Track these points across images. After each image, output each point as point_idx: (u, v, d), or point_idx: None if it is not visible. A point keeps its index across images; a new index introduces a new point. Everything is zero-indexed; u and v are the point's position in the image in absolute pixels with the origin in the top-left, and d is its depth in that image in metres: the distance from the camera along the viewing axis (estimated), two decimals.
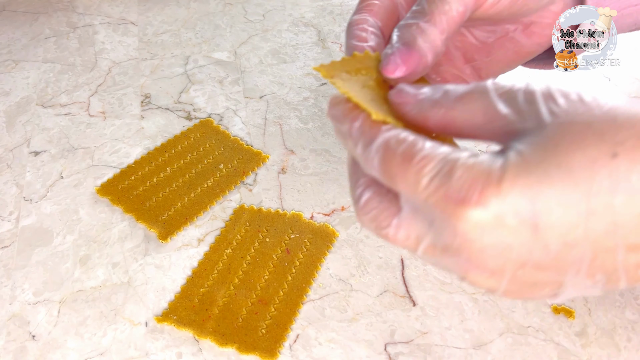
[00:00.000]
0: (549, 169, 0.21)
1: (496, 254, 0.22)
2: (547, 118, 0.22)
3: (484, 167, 0.21)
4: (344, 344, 0.38)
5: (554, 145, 0.21)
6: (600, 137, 0.21)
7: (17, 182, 0.49)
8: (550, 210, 0.21)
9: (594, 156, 0.21)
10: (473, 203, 0.21)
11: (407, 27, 0.29)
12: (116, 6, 0.68)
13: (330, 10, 0.67)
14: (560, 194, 0.21)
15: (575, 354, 0.38)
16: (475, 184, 0.21)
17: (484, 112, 0.24)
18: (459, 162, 0.22)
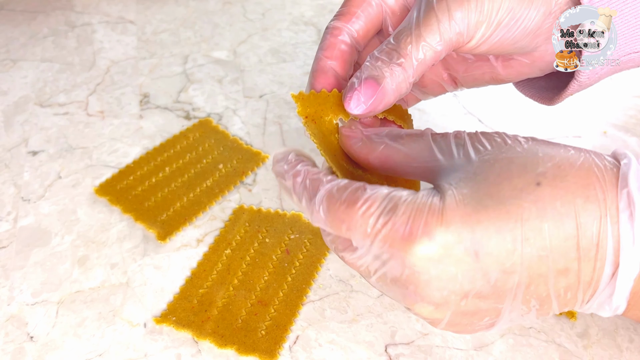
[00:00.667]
0: (483, 199, 0.23)
1: (441, 286, 0.24)
2: (474, 156, 0.25)
3: (425, 201, 0.24)
4: (344, 345, 0.38)
5: (484, 179, 0.23)
6: (524, 168, 0.23)
7: (15, 182, 0.49)
8: (489, 237, 0.23)
9: (520, 186, 0.23)
10: (419, 235, 0.23)
11: (377, 64, 0.28)
12: (115, 5, 0.68)
13: (330, 9, 0.67)
14: (495, 221, 0.23)
15: (577, 355, 0.37)
16: (419, 218, 0.23)
17: (419, 150, 0.27)
18: (401, 199, 0.24)
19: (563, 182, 0.23)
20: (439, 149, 0.26)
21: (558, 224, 0.23)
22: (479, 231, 0.23)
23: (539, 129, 0.52)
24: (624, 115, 0.54)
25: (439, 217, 0.23)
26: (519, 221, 0.23)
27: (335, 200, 0.25)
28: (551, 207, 0.23)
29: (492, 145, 0.25)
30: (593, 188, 0.23)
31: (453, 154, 0.26)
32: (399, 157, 0.27)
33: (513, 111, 0.54)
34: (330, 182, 0.26)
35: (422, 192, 0.24)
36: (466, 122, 0.53)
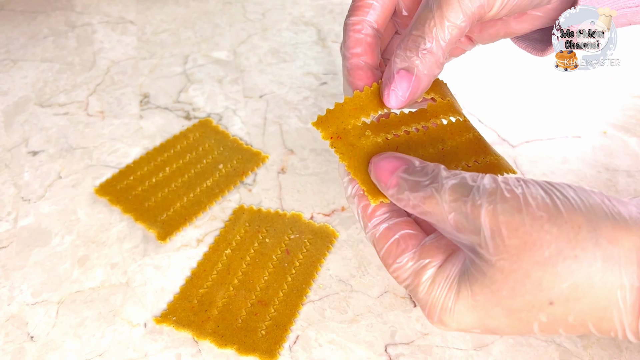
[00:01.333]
0: (494, 309, 0.24)
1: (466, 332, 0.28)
2: (492, 254, 0.24)
3: (441, 295, 0.25)
4: (344, 345, 0.38)
5: (497, 289, 0.24)
6: (538, 287, 0.23)
7: (15, 182, 0.49)
8: (502, 329, 0.25)
9: (533, 303, 0.23)
10: (435, 322, 0.26)
11: (407, 54, 0.29)
12: (115, 5, 0.68)
13: (330, 9, 0.67)
14: (507, 324, 0.24)
15: (576, 355, 0.37)
16: (434, 309, 0.26)
17: (440, 220, 0.25)
18: (422, 280, 0.26)
19: (577, 304, 0.23)
20: (460, 223, 0.24)
21: (570, 329, 0.24)
22: (491, 327, 0.25)
23: (539, 129, 0.52)
24: (624, 115, 0.54)
25: (451, 315, 0.25)
26: (531, 324, 0.24)
27: (378, 253, 0.28)
28: (563, 321, 0.23)
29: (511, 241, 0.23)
30: (610, 311, 0.22)
31: (473, 235, 0.24)
32: (427, 219, 0.26)
33: (513, 111, 0.54)
34: (370, 229, 0.28)
35: (441, 278, 0.26)
36: None
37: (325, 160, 0.50)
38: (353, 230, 0.45)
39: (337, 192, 0.48)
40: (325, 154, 0.51)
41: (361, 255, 0.43)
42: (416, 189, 0.25)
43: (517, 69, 0.59)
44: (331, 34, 0.63)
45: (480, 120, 0.53)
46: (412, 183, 0.26)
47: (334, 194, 0.48)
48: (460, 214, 0.24)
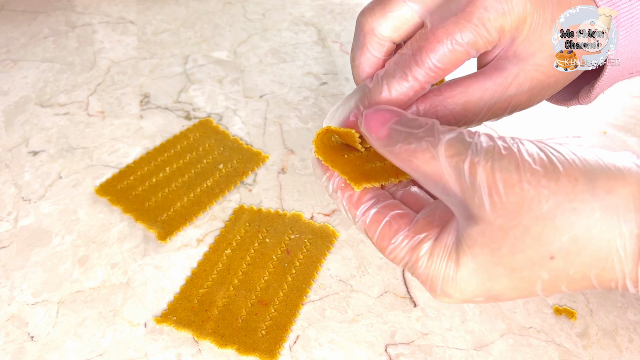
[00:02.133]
0: (496, 269, 0.24)
1: (471, 301, 0.26)
2: (489, 212, 0.23)
3: (440, 264, 0.25)
4: (344, 345, 0.38)
5: (497, 248, 0.23)
6: (538, 241, 0.23)
7: (15, 182, 0.49)
8: (505, 292, 0.25)
9: (534, 259, 0.23)
10: (439, 294, 0.25)
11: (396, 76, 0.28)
12: (115, 5, 0.68)
13: (330, 9, 0.67)
14: (509, 285, 0.24)
15: (577, 355, 0.37)
16: (436, 281, 0.25)
17: (435, 175, 0.25)
18: (420, 255, 0.26)
19: (578, 256, 0.23)
20: (455, 181, 0.24)
21: (572, 282, 0.24)
22: (494, 291, 0.25)
23: (539, 129, 0.52)
24: (624, 115, 0.54)
25: (454, 284, 0.25)
26: (533, 282, 0.24)
27: (371, 240, 0.27)
28: (564, 275, 0.23)
29: (509, 198, 0.23)
30: (611, 260, 0.23)
31: (469, 195, 0.24)
32: (418, 177, 0.26)
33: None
34: (362, 213, 0.28)
35: (440, 245, 0.25)
36: None
37: None
38: (353, 230, 0.45)
39: None
40: None
41: (361, 255, 0.43)
42: (410, 141, 0.24)
43: None
44: (331, 34, 0.64)
45: None
46: (406, 134, 0.25)
47: None
48: (456, 170, 0.23)
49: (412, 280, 0.42)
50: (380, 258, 0.43)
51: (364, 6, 0.31)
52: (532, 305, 0.40)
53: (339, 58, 0.60)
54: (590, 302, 0.40)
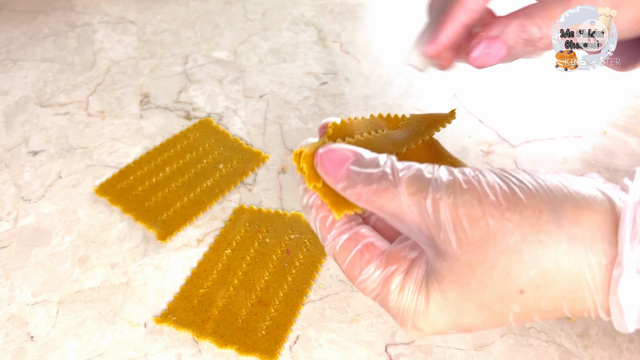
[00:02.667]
0: (466, 306, 0.24)
1: (446, 334, 0.27)
2: (455, 248, 0.23)
3: (411, 299, 0.25)
4: (344, 345, 0.38)
5: (466, 284, 0.23)
6: (507, 276, 0.23)
7: (15, 182, 0.49)
8: (477, 325, 0.24)
9: (503, 293, 0.23)
10: (409, 329, 0.25)
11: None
12: (115, 5, 0.68)
13: (330, 9, 0.67)
14: (481, 319, 0.24)
15: (577, 355, 0.37)
16: (407, 316, 0.25)
17: (399, 218, 0.24)
18: (390, 289, 0.25)
19: (548, 289, 0.22)
20: (420, 219, 0.24)
21: (544, 314, 0.23)
22: (466, 324, 0.24)
23: (539, 129, 0.52)
24: (624, 115, 0.54)
25: (425, 319, 0.24)
26: (505, 315, 0.24)
27: (340, 266, 0.26)
28: (535, 309, 0.23)
29: (474, 233, 0.23)
30: (581, 292, 0.22)
31: (434, 233, 0.23)
32: (383, 215, 0.25)
33: (513, 111, 0.54)
34: (332, 238, 0.26)
35: (409, 283, 0.25)
36: (466, 122, 0.53)
37: None
38: None
39: None
40: None
41: None
42: (369, 182, 0.24)
43: (517, 69, 0.59)
44: (331, 34, 0.63)
45: (481, 120, 0.53)
46: (365, 176, 0.24)
47: None
48: (419, 208, 0.23)
49: None
50: None
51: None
52: None
53: (339, 58, 0.60)
54: None
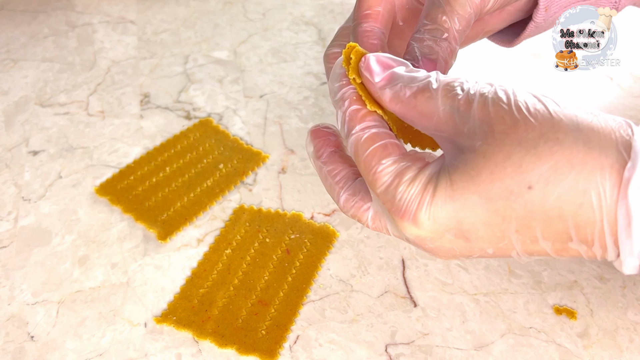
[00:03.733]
0: (472, 197, 0.24)
1: (442, 252, 0.26)
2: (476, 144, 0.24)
3: (419, 189, 0.25)
4: (344, 345, 0.38)
5: (477, 174, 0.24)
6: (519, 168, 0.23)
7: (15, 182, 0.49)
8: (477, 229, 0.24)
9: (511, 188, 0.23)
10: (410, 221, 0.25)
11: (425, 44, 0.30)
12: (115, 5, 0.68)
13: (330, 9, 0.67)
14: (483, 217, 0.24)
15: (577, 355, 0.37)
16: (411, 205, 0.25)
17: (430, 112, 0.26)
18: (403, 178, 0.25)
19: (557, 187, 0.22)
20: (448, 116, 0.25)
21: (548, 223, 0.23)
22: (466, 224, 0.24)
23: None
24: (624, 115, 0.54)
25: (428, 208, 0.25)
26: (507, 219, 0.24)
27: (358, 154, 0.27)
28: (540, 211, 0.23)
29: (497, 126, 0.24)
30: (589, 196, 0.22)
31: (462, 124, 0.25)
32: (413, 115, 0.27)
33: None
34: (362, 130, 0.27)
35: (423, 175, 0.25)
36: None
37: None
38: (353, 230, 0.45)
39: None
40: None
41: (361, 255, 0.43)
42: (412, 82, 0.26)
43: (517, 69, 0.59)
44: (331, 34, 0.63)
45: None
46: (408, 78, 0.26)
47: None
48: (452, 107, 0.25)
49: (413, 280, 0.42)
50: (381, 258, 0.43)
51: None
52: (532, 305, 0.40)
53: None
54: (590, 302, 0.40)
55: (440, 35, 0.30)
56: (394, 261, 0.43)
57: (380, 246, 0.44)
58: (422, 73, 0.26)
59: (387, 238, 0.44)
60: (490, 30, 0.37)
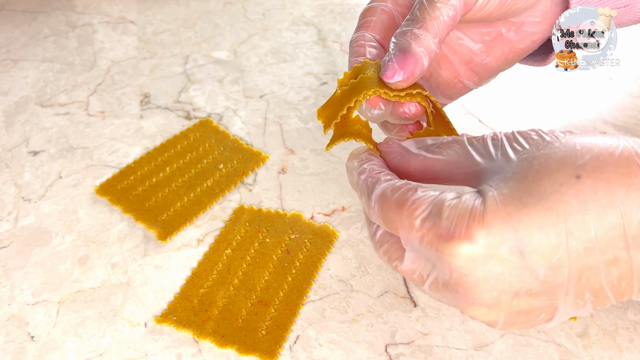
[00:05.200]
0: (523, 198, 0.23)
1: (490, 287, 0.24)
2: (512, 156, 0.25)
3: (468, 204, 0.24)
4: (344, 345, 0.38)
5: (523, 177, 0.24)
6: (563, 163, 0.23)
7: (15, 182, 0.49)
8: (532, 235, 0.23)
9: (560, 180, 0.23)
10: (462, 238, 0.23)
11: (402, 34, 0.30)
12: (115, 5, 0.68)
13: (330, 9, 0.67)
14: (537, 218, 0.23)
15: (577, 355, 0.37)
16: (462, 221, 0.23)
17: (457, 157, 0.27)
18: (445, 203, 0.24)
19: (603, 173, 0.23)
20: (477, 152, 0.26)
21: (601, 215, 0.23)
22: (521, 230, 0.23)
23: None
24: (624, 115, 0.54)
25: (481, 220, 0.23)
26: (562, 216, 0.23)
27: (387, 200, 0.26)
28: (592, 199, 0.23)
29: (530, 143, 0.25)
30: (635, 176, 0.23)
31: (492, 156, 0.26)
32: (438, 166, 0.27)
33: (513, 111, 0.54)
34: (386, 182, 0.27)
35: (466, 195, 0.24)
36: (466, 122, 0.53)
37: (325, 160, 0.50)
38: (353, 230, 0.45)
39: (338, 192, 0.48)
40: (325, 154, 0.51)
41: (361, 255, 0.43)
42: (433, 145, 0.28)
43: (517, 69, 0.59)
44: (331, 34, 0.64)
45: (481, 120, 0.53)
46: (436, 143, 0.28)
47: (334, 194, 0.48)
48: (477, 143, 0.27)
49: None
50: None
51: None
52: None
53: (339, 58, 0.60)
54: None
55: (417, 25, 0.30)
56: None
57: None
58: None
59: None
60: (519, 52, 0.37)
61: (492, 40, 0.37)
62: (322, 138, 0.52)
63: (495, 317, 0.25)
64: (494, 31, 0.36)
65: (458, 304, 0.25)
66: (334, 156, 0.51)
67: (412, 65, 0.30)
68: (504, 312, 0.25)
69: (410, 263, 0.26)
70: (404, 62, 0.29)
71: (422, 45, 0.30)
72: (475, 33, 0.37)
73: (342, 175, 0.49)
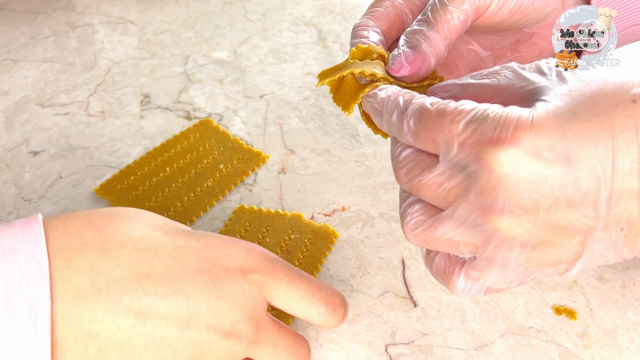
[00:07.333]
0: (577, 111, 0.23)
1: (531, 188, 0.23)
2: (569, 77, 0.25)
3: (516, 112, 0.24)
4: (344, 345, 0.38)
5: (580, 94, 0.24)
6: (620, 87, 0.23)
7: (16, 182, 0.49)
8: (580, 144, 0.23)
9: (616, 101, 0.23)
10: (507, 141, 0.23)
11: (412, 33, 0.31)
12: (115, 5, 0.68)
13: (330, 10, 0.67)
14: (588, 130, 0.23)
15: (577, 355, 0.37)
16: (508, 124, 0.23)
17: (508, 81, 0.26)
18: (490, 109, 0.24)
19: None
20: (530, 73, 0.26)
21: None
22: (570, 137, 0.23)
23: None
24: None
25: (529, 125, 0.23)
26: (613, 132, 0.23)
27: (427, 110, 0.26)
28: None
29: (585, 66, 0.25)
30: None
31: (547, 76, 0.25)
32: (489, 92, 0.27)
33: None
34: (422, 98, 0.27)
35: (513, 106, 0.24)
36: None
37: (325, 161, 0.50)
38: (353, 230, 0.45)
39: (338, 192, 0.48)
40: (325, 154, 0.51)
41: (361, 255, 0.43)
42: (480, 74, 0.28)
43: None
44: (332, 34, 0.64)
45: None
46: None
47: (334, 194, 0.48)
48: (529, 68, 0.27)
49: (413, 280, 0.42)
50: (381, 258, 0.43)
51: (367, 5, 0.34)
52: (532, 305, 0.40)
53: (340, 58, 0.60)
54: (590, 302, 0.40)
55: (427, 27, 0.31)
56: (394, 261, 0.43)
57: (380, 246, 0.44)
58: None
59: (387, 238, 0.44)
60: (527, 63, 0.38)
61: (501, 48, 0.37)
62: (322, 138, 0.52)
63: (526, 227, 0.24)
64: (503, 39, 0.37)
65: (490, 210, 0.24)
66: (334, 156, 0.51)
67: (419, 63, 0.30)
68: (538, 221, 0.24)
69: (439, 174, 0.25)
70: (413, 60, 0.30)
71: (431, 45, 0.31)
72: (485, 40, 0.37)
73: (342, 176, 0.49)
